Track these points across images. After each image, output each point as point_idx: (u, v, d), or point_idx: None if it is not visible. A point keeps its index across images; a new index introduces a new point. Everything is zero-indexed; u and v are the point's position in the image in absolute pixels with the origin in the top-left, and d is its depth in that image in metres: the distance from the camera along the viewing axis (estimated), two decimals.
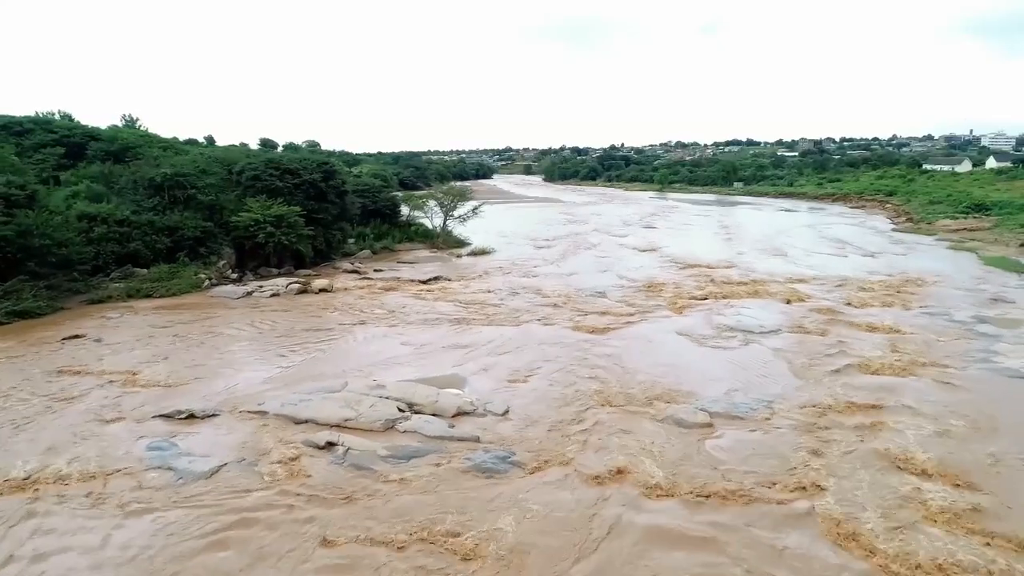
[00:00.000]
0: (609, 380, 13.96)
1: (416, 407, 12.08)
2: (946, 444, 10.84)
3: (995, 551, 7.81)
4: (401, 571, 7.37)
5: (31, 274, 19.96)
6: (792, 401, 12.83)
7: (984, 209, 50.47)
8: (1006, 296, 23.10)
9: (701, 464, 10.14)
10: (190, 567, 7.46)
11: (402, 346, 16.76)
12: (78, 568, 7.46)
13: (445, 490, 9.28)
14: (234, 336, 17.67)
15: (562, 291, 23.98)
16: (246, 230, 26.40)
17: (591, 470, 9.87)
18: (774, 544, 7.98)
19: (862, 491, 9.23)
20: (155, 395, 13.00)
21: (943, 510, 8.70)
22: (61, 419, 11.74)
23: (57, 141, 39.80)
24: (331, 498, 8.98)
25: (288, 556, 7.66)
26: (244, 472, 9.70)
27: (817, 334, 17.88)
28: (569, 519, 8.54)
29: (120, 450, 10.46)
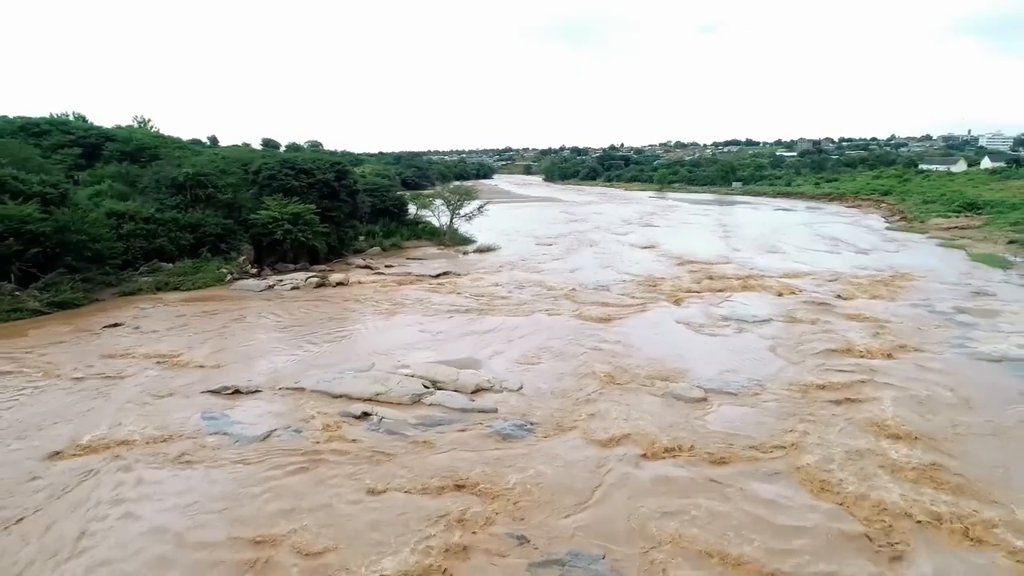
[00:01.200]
0: (613, 362, 15.23)
1: (439, 384, 13.36)
2: (916, 414, 12.12)
3: (945, 495, 9.09)
4: (439, 509, 8.65)
5: (68, 268, 21.23)
6: (779, 380, 14.11)
7: (976, 208, 51.69)
8: (988, 290, 24.35)
9: (696, 431, 11.41)
10: (259, 505, 8.72)
11: (420, 333, 18.03)
12: (180, 503, 8.79)
13: (470, 451, 10.55)
14: (262, 325, 18.93)
15: (566, 285, 25.24)
16: (264, 227, 27.65)
17: (598, 435, 11.14)
18: (757, 491, 9.27)
19: (835, 451, 10.51)
20: (198, 375, 14.27)
21: (905, 465, 9.98)
22: (119, 394, 13.01)
23: (74, 142, 41.10)
24: (372, 456, 10.26)
25: (341, 502, 8.92)
26: (293, 436, 10.98)
27: (806, 323, 19.16)
28: (579, 472, 9.81)
29: (178, 419, 11.74)
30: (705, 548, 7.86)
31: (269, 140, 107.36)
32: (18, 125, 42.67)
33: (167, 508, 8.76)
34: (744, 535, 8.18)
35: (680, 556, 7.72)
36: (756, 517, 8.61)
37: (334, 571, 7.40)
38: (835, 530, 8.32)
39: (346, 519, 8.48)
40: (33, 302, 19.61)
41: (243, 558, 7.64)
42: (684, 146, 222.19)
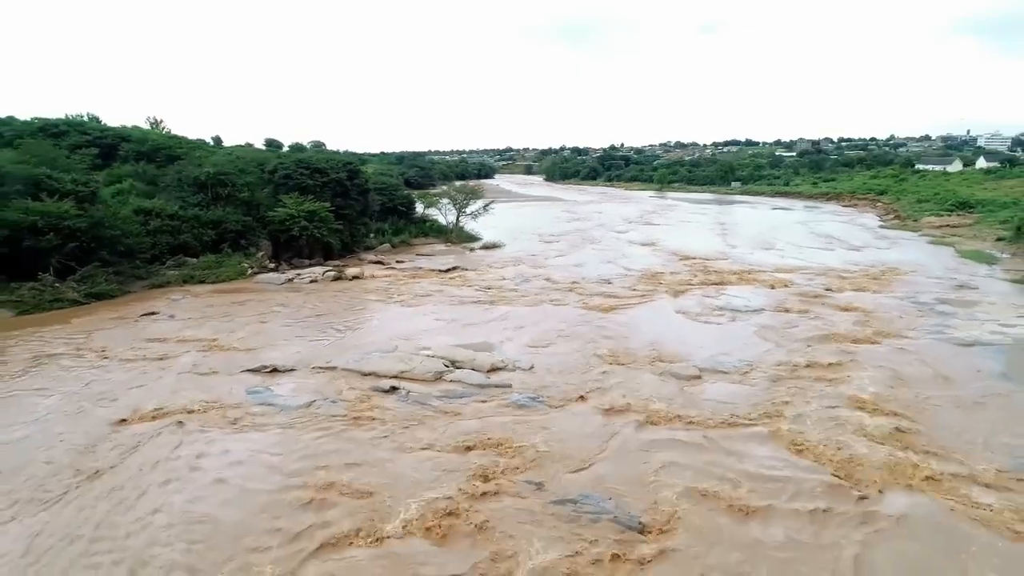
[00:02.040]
0: (615, 346, 16.55)
1: (457, 363, 14.67)
2: (889, 389, 13.44)
3: (908, 453, 10.41)
4: (466, 462, 9.97)
5: (102, 261, 22.55)
6: (768, 361, 15.42)
7: (968, 207, 52.96)
8: (971, 283, 25.66)
9: (691, 403, 12.73)
10: (309, 458, 10.04)
11: (435, 321, 19.35)
12: (239, 458, 10.14)
13: (490, 418, 11.87)
14: (288, 314, 20.24)
15: (570, 279, 26.55)
16: (282, 224, 28.97)
17: (603, 406, 12.46)
18: (744, 450, 10.58)
19: (814, 419, 11.83)
20: (236, 356, 15.59)
21: (875, 430, 11.30)
22: (167, 373, 14.34)
23: (91, 142, 42.37)
24: (403, 421, 11.58)
25: (380, 457, 10.24)
26: (331, 406, 12.30)
27: (796, 312, 20.47)
28: (586, 436, 11.13)
29: (225, 392, 13.06)
30: (697, 491, 9.18)
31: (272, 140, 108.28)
32: (37, 127, 43.97)
33: (230, 463, 10.08)
34: (732, 481, 9.50)
35: (675, 497, 9.04)
36: (742, 469, 9.92)
37: (380, 506, 8.71)
38: (810, 479, 9.63)
39: (386, 469, 9.80)
40: (72, 293, 20.94)
41: (303, 497, 8.95)
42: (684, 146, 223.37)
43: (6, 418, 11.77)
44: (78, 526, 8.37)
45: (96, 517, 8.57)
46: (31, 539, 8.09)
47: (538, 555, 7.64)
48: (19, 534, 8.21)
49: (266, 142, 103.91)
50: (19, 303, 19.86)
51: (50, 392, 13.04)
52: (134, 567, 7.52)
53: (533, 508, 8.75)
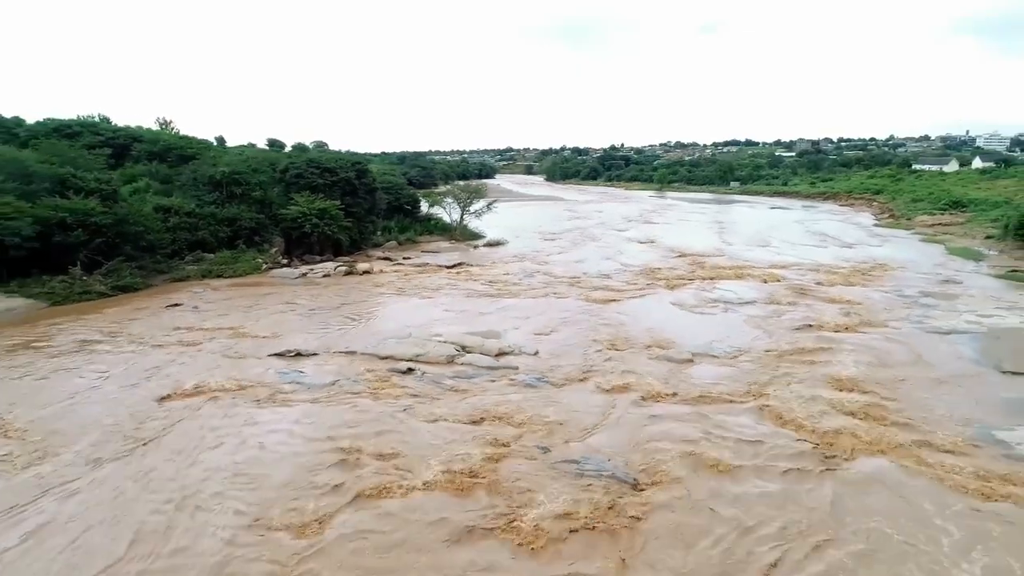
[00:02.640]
0: (615, 333, 17.69)
1: (468, 348, 15.81)
2: (867, 371, 14.57)
3: (879, 425, 11.54)
4: (479, 430, 11.10)
5: (126, 256, 23.69)
6: (757, 347, 16.55)
7: (961, 206, 54.06)
8: (956, 278, 26.78)
9: (683, 383, 13.86)
10: (337, 427, 11.17)
11: (445, 312, 20.49)
12: (275, 427, 11.29)
13: (499, 395, 13.00)
14: (305, 305, 21.38)
15: (571, 274, 27.69)
16: (294, 221, 30.11)
17: (603, 385, 13.59)
18: (730, 421, 11.72)
19: (796, 396, 12.97)
20: (260, 343, 16.72)
21: (851, 405, 12.43)
22: (199, 356, 15.48)
23: (104, 143, 43.48)
24: (420, 396, 12.73)
25: (401, 426, 11.37)
26: (353, 384, 13.45)
27: (786, 304, 21.60)
28: (589, 410, 12.26)
29: (255, 373, 14.19)
30: (686, 454, 10.31)
31: (274, 140, 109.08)
32: (52, 127, 45.04)
33: (267, 431, 11.22)
34: (718, 446, 10.63)
35: (668, 458, 10.17)
36: (728, 437, 11.05)
37: (405, 466, 9.85)
38: (789, 445, 10.76)
39: (408, 436, 10.94)
40: (99, 285, 22.09)
41: (334, 459, 10.09)
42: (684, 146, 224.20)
43: (65, 393, 12.94)
44: (144, 478, 9.51)
45: (159, 470, 9.72)
46: (107, 484, 9.22)
47: (545, 504, 8.77)
48: (98, 479, 9.34)
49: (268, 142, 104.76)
50: (51, 294, 21.01)
51: (97, 372, 14.20)
52: (199, 504, 8.68)
53: (541, 468, 9.88)
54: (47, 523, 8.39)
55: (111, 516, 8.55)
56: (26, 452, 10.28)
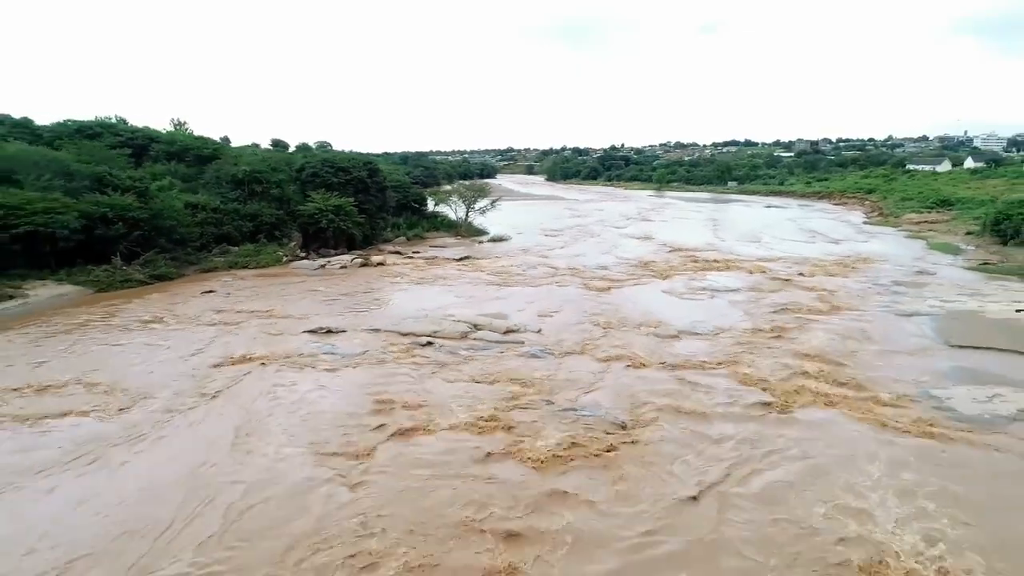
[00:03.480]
0: (610, 316, 19.65)
1: (478, 327, 17.79)
2: (831, 345, 16.52)
3: (834, 386, 13.52)
4: (492, 389, 13.09)
5: (160, 248, 25.69)
6: (736, 327, 18.52)
7: (948, 204, 55.97)
8: (930, 270, 28.72)
9: (669, 354, 15.82)
10: (371, 386, 13.15)
11: (455, 298, 22.46)
12: (319, 385, 13.28)
13: (508, 363, 14.98)
14: (328, 292, 23.37)
15: (571, 266, 29.66)
16: (311, 217, 32.10)
17: (598, 356, 15.56)
18: (706, 382, 13.69)
19: (766, 364, 14.94)
20: (293, 322, 18.70)
21: (811, 370, 14.40)
22: (241, 333, 17.48)
23: (123, 143, 45.51)
24: (440, 363, 14.72)
25: (425, 385, 13.35)
26: (381, 354, 15.44)
27: (768, 292, 23.56)
28: (586, 374, 14.24)
29: (293, 346, 16.18)
30: (667, 405, 12.28)
31: (278, 140, 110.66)
32: (74, 128, 47.01)
33: (313, 388, 13.22)
34: (695, 400, 12.61)
35: (652, 409, 12.14)
36: (704, 394, 13.02)
37: (431, 413, 11.83)
38: (754, 399, 12.73)
39: (432, 392, 12.93)
40: (138, 274, 24.11)
41: (371, 408, 12.07)
42: (684, 146, 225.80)
43: (133, 360, 14.97)
44: (219, 419, 11.50)
45: (230, 414, 11.71)
46: (190, 423, 11.21)
47: (549, 438, 10.74)
48: (181, 420, 11.33)
49: (272, 142, 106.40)
50: (96, 282, 23.01)
51: (156, 345, 16.21)
52: (268, 437, 10.69)
53: (545, 414, 11.86)
54: (155, 444, 10.38)
55: (199, 442, 10.56)
56: (116, 403, 12.28)
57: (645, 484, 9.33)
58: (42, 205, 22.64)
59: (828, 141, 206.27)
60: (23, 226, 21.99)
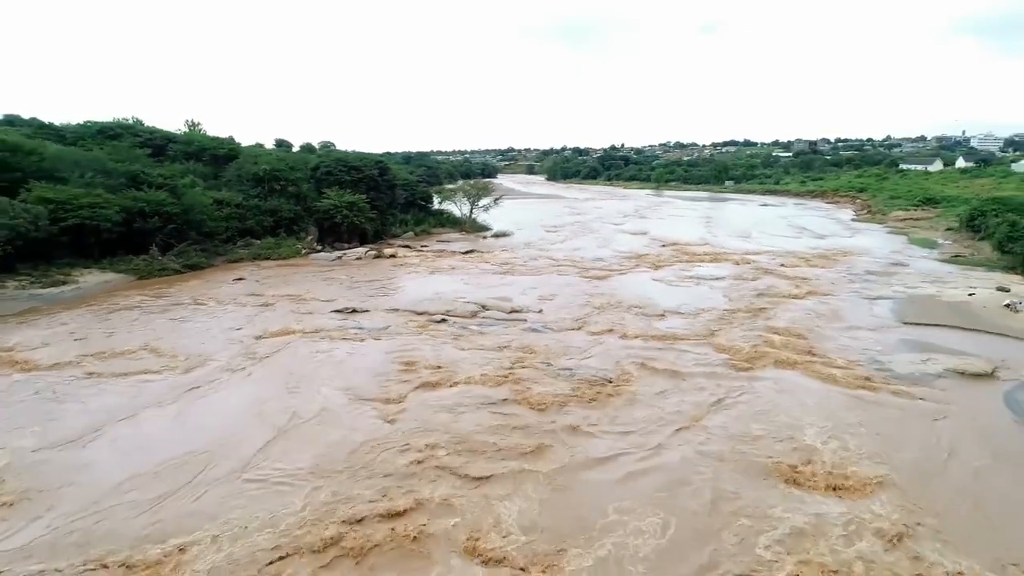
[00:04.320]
0: (604, 299, 21.84)
1: (486, 307, 20.00)
2: (798, 321, 18.71)
3: (794, 353, 15.72)
4: (500, 355, 15.29)
5: (192, 240, 27.89)
6: (718, 308, 20.70)
7: (934, 202, 58.09)
8: (904, 262, 30.90)
9: (655, 330, 18.01)
10: (396, 352, 15.36)
11: (464, 284, 24.66)
12: (353, 352, 15.48)
13: (513, 336, 17.17)
14: (347, 279, 25.58)
15: (570, 258, 31.85)
16: (326, 213, 34.30)
17: (592, 331, 17.76)
18: (685, 348, 15.89)
19: (738, 336, 17.13)
20: (320, 304, 20.90)
21: (777, 341, 16.59)
22: (275, 312, 19.69)
23: (143, 143, 47.75)
24: (453, 336, 16.92)
25: (443, 352, 15.54)
26: (402, 328, 17.65)
27: (749, 279, 25.74)
28: (580, 344, 16.44)
29: (322, 322, 18.38)
30: (649, 365, 14.48)
31: (282, 140, 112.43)
32: (95, 129, 49.23)
33: (347, 354, 15.43)
34: (674, 362, 14.82)
35: (636, 369, 14.34)
36: (682, 358, 15.21)
37: (449, 372, 14.03)
38: (722, 361, 14.93)
39: (450, 357, 15.13)
40: (173, 264, 26.31)
41: (398, 367, 14.27)
42: (683, 146, 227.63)
43: (187, 332, 17.19)
44: (269, 375, 13.71)
45: (278, 374, 13.91)
46: (245, 378, 13.42)
47: (549, 388, 12.94)
48: (238, 376, 13.54)
49: (276, 142, 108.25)
50: (136, 270, 25.23)
51: (203, 320, 18.44)
52: (314, 388, 12.89)
53: (545, 373, 14.06)
54: (222, 391, 12.60)
55: (258, 390, 12.78)
56: (180, 365, 14.49)
57: (629, 415, 11.55)
58: (87, 200, 24.84)
59: (827, 141, 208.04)
60: (71, 219, 24.20)
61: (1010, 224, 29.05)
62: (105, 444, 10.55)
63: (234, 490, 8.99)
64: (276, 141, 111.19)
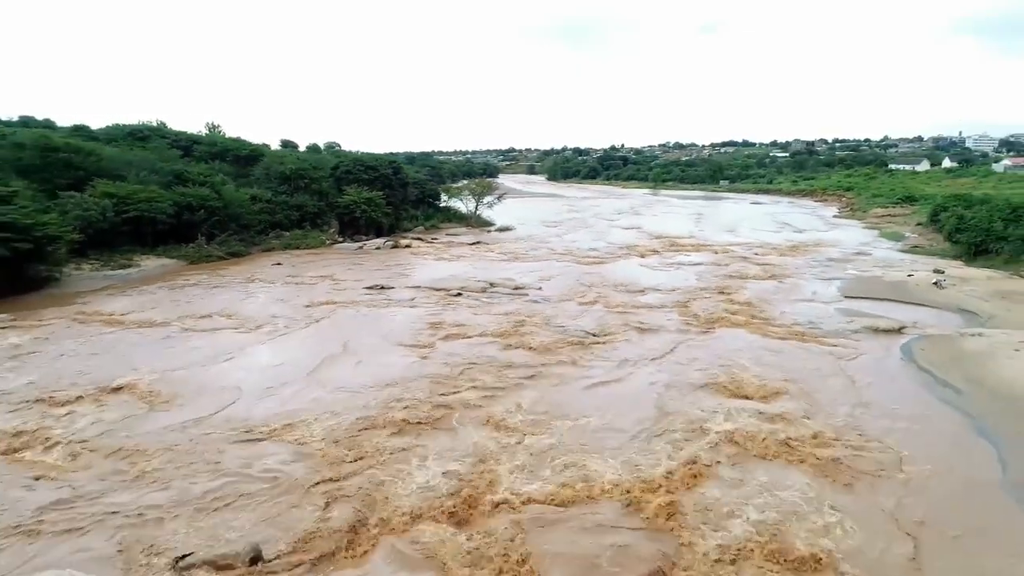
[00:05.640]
0: (595, 280, 25.45)
1: (494, 284, 23.63)
2: (756, 296, 22.30)
3: (747, 318, 19.34)
4: (507, 318, 18.92)
5: (232, 231, 31.55)
6: (691, 287, 24.29)
7: (913, 200, 61.53)
8: (868, 251, 34.46)
9: (637, 303, 21.60)
10: (426, 316, 18.97)
11: (473, 268, 28.29)
12: (384, 319, 19.07)
13: (517, 306, 20.79)
14: (370, 264, 29.22)
15: (567, 248, 35.46)
16: (347, 208, 37.94)
17: (582, 302, 21.37)
18: (657, 315, 19.49)
19: (703, 306, 20.73)
20: (351, 283, 24.51)
21: (736, 309, 20.19)
22: (315, 289, 23.34)
23: (170, 144, 51.44)
24: (468, 306, 20.55)
25: (461, 316, 19.16)
26: (424, 301, 21.27)
27: (724, 265, 29.34)
28: (573, 312, 20.04)
29: (358, 296, 21.99)
30: (626, 324, 18.09)
31: (288, 141, 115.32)
32: (127, 131, 52.88)
33: (382, 317, 19.02)
34: (647, 323, 18.41)
35: (617, 327, 17.94)
36: (652, 320, 18.81)
37: (467, 328, 17.64)
38: (685, 322, 18.52)
39: (466, 321, 18.74)
40: (217, 251, 29.98)
41: (426, 325, 17.89)
42: (682, 147, 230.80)
43: (247, 303, 20.80)
44: (320, 331, 17.32)
45: (333, 328, 17.53)
46: (303, 333, 17.04)
47: (545, 339, 16.55)
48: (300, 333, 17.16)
49: (282, 143, 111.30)
50: (187, 256, 28.89)
51: (258, 294, 22.07)
52: (362, 337, 16.53)
53: (543, 330, 17.66)
54: (290, 341, 16.23)
55: (319, 340, 16.42)
56: (250, 326, 18.12)
57: (606, 355, 15.18)
58: (144, 195, 28.48)
59: (824, 142, 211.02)
60: (131, 211, 27.83)
61: (958, 217, 32.62)
62: (220, 370, 14.21)
63: (319, 395, 12.58)
64: (282, 142, 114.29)
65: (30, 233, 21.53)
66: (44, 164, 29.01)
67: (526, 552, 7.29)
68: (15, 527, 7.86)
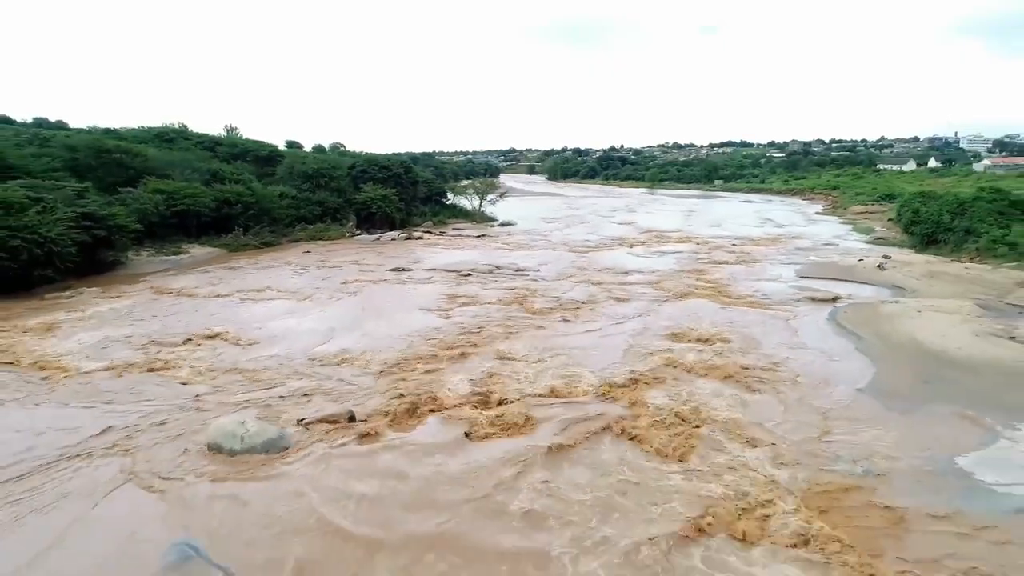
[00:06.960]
0: (586, 264, 29.22)
1: (499, 267, 27.40)
2: (724, 277, 26.03)
3: (712, 292, 23.09)
4: (511, 292, 22.69)
5: (264, 224, 35.35)
6: (670, 270, 28.04)
7: (892, 198, 65.20)
8: (836, 242, 38.18)
9: (620, 281, 25.34)
10: (443, 290, 22.73)
11: (480, 255, 32.04)
12: (407, 293, 22.86)
13: (519, 283, 24.54)
14: (388, 252, 33.00)
15: (564, 241, 39.22)
16: (363, 204, 41.75)
17: (575, 280, 25.13)
18: (637, 289, 23.25)
19: (677, 284, 24.50)
20: (375, 266, 28.28)
21: (706, 284, 23.94)
22: (344, 271, 27.11)
23: (194, 146, 55.24)
24: (477, 283, 24.33)
25: (472, 290, 22.91)
26: (440, 279, 25.05)
27: (703, 254, 33.08)
28: (565, 288, 23.79)
29: (382, 275, 25.75)
30: (608, 296, 21.85)
31: (293, 142, 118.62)
32: (154, 133, 56.66)
33: (405, 291, 22.78)
34: (627, 295, 22.16)
35: (602, 298, 21.69)
36: (632, 292, 22.56)
37: (478, 299, 21.39)
38: (659, 295, 22.28)
39: (477, 294, 22.49)
40: (252, 241, 33.81)
41: (444, 297, 21.65)
42: (681, 147, 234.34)
43: (291, 280, 24.60)
44: (360, 301, 21.09)
45: (367, 299, 21.30)
46: (348, 301, 20.80)
47: (543, 305, 20.32)
48: (341, 302, 20.91)
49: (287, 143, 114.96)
50: (227, 245, 32.70)
51: (293, 275, 25.84)
52: (392, 303, 20.28)
53: (542, 299, 21.42)
54: (334, 307, 20.02)
55: (357, 306, 20.18)
56: (299, 297, 21.88)
57: (590, 316, 18.97)
58: (190, 191, 32.28)
59: (821, 142, 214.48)
60: (179, 206, 31.63)
61: (913, 211, 36.38)
62: (286, 325, 17.88)
63: (368, 342, 16.31)
64: (287, 142, 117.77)
65: (104, 222, 25.34)
66: (99, 164, 32.84)
67: (529, 416, 11.04)
68: (181, 407, 11.62)
